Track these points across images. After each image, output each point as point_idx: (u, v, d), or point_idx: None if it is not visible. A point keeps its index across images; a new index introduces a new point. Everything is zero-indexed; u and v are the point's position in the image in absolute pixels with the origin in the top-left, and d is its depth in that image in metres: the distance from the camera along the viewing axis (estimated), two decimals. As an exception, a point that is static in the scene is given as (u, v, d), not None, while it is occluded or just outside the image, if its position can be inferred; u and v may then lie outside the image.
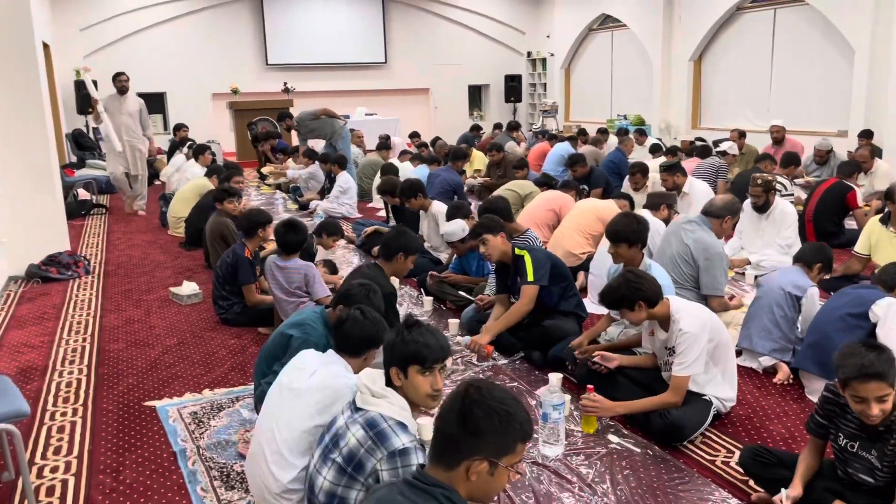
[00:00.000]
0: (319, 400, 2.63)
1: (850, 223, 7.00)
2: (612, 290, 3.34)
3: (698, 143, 11.14)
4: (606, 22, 16.56)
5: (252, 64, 16.32)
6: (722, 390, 3.38)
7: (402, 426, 2.28)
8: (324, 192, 9.64)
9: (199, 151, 9.39)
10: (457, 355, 4.28)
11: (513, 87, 18.26)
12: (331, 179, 9.51)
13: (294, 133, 11.04)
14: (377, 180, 9.92)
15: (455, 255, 5.55)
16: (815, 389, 3.68)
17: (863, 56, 10.90)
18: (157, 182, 11.55)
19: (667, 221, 5.35)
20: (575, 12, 17.15)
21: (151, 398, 3.96)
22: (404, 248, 4.10)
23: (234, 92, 14.41)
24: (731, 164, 8.65)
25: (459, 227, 5.12)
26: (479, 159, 11.04)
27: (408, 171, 9.37)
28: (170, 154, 11.76)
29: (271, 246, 5.54)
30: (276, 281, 4.64)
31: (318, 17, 16.68)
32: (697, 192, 6.54)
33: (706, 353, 3.27)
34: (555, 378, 3.75)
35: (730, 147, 8.62)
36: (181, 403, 3.87)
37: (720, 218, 4.71)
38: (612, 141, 12.36)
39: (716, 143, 9.99)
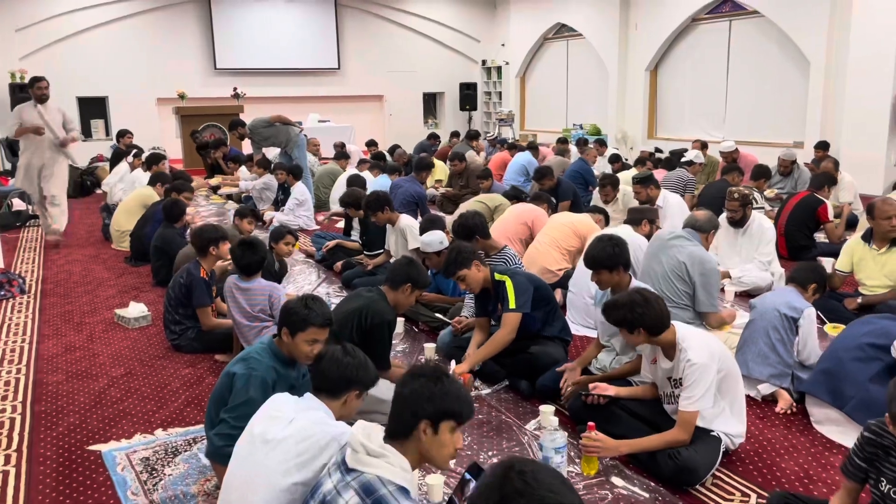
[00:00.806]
0: (300, 452, 2.29)
1: (819, 236, 6.91)
2: (615, 307, 3.08)
3: (662, 155, 11.07)
4: (562, 31, 16.49)
5: (200, 68, 15.72)
6: (731, 425, 3.13)
7: (405, 492, 1.96)
8: (278, 204, 9.20)
9: (153, 161, 8.81)
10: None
11: (468, 95, 18.05)
12: (284, 190, 9.08)
13: (247, 141, 10.55)
14: (335, 190, 9.57)
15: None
16: (822, 419, 3.48)
17: (818, 68, 11.00)
18: (98, 191, 10.92)
19: (648, 237, 5.12)
20: (530, 21, 17.04)
21: (96, 440, 3.53)
22: (413, 280, 3.75)
23: (181, 97, 13.82)
24: (698, 175, 8.54)
25: (437, 239, 4.80)
26: (440, 169, 10.74)
27: (367, 181, 8.99)
28: (113, 162, 11.13)
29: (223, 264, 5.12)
30: (237, 303, 4.24)
31: (268, 21, 16.19)
32: (672, 205, 6.36)
33: (714, 384, 3.02)
34: (548, 412, 3.45)
35: (696, 156, 8.50)
36: (130, 447, 3.44)
37: (706, 232, 4.52)
38: (572, 151, 12.23)
39: (674, 154, 9.90)
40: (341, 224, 8.68)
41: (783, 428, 3.53)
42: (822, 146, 9.97)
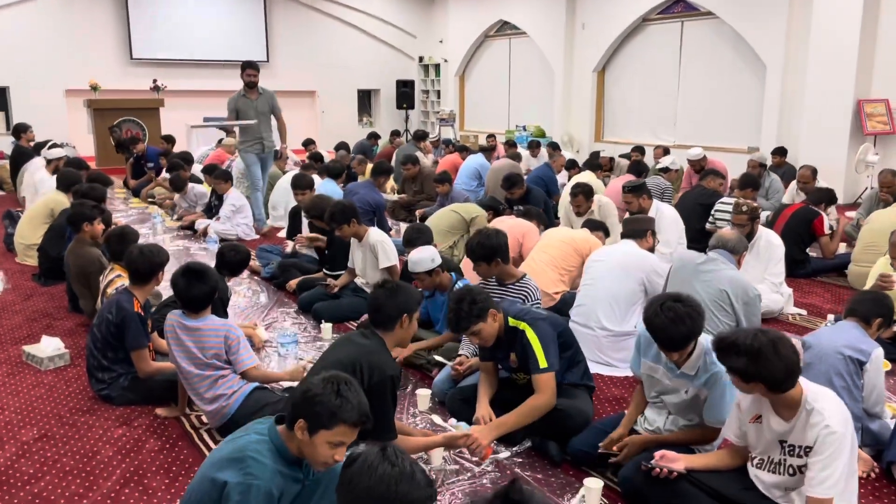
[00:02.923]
0: None
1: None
2: (735, 351, 2.37)
3: (620, 159, 10.58)
4: (504, 28, 15.92)
5: (114, 58, 14.40)
6: (848, 506, 2.50)
7: None
8: (211, 211, 8.21)
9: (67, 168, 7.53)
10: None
11: (405, 92, 17.26)
12: (217, 197, 8.11)
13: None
14: (276, 194, 8.64)
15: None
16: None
17: (775, 71, 10.75)
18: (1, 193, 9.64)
19: (650, 251, 4.49)
20: (470, 17, 16.41)
21: (2, 546, 2.62)
22: (408, 309, 2.96)
23: (94, 89, 12.50)
24: (674, 182, 8.04)
25: (428, 256, 4.04)
26: (385, 172, 9.92)
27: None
28: (15, 162, 9.85)
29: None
30: (184, 348, 3.36)
31: (190, 8, 15.02)
32: (666, 217, 5.76)
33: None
34: (594, 489, 2.75)
35: (672, 163, 7.97)
36: (51, 557, 2.55)
37: (739, 254, 3.92)
38: (523, 153, 11.64)
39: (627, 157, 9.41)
40: (283, 234, 7.80)
41: (872, 498, 2.93)
42: (780, 152, 9.70)
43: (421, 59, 17.89)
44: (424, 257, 4.05)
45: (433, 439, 3.04)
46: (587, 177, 8.41)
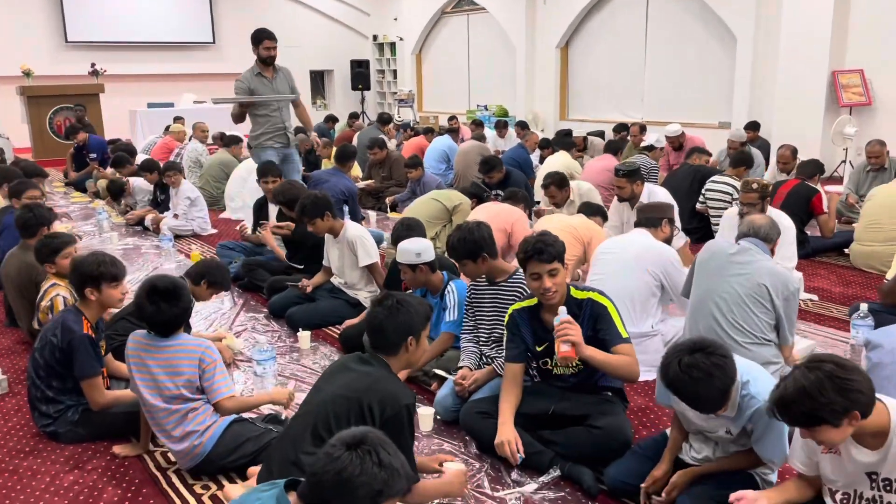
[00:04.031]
0: None
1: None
2: (791, 404, 1.96)
3: (593, 138, 10.19)
4: (462, 4, 15.39)
5: (48, 41, 13.49)
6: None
7: None
8: (159, 206, 7.55)
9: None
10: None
11: (360, 73, 16.62)
12: (163, 188, 7.46)
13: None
14: (232, 184, 8.02)
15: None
16: None
17: (746, 44, 10.47)
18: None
19: (667, 242, 4.07)
20: (426, -7, 15.83)
21: None
22: (412, 330, 2.44)
23: (27, 74, 11.61)
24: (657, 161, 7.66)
25: (415, 248, 3.55)
26: (347, 157, 9.34)
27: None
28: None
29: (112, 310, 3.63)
30: (149, 376, 2.81)
31: (129, -14, 14.11)
32: (661, 199, 5.34)
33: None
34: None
35: (656, 140, 7.58)
36: None
37: (773, 242, 3.51)
38: (489, 134, 11.19)
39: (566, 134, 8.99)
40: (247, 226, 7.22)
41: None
42: (753, 126, 9.44)
43: (375, 37, 17.25)
44: (410, 248, 3.55)
45: (449, 484, 2.54)
46: (562, 157, 8.00)
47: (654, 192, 5.48)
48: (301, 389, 3.57)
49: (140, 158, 8.73)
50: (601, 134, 10.91)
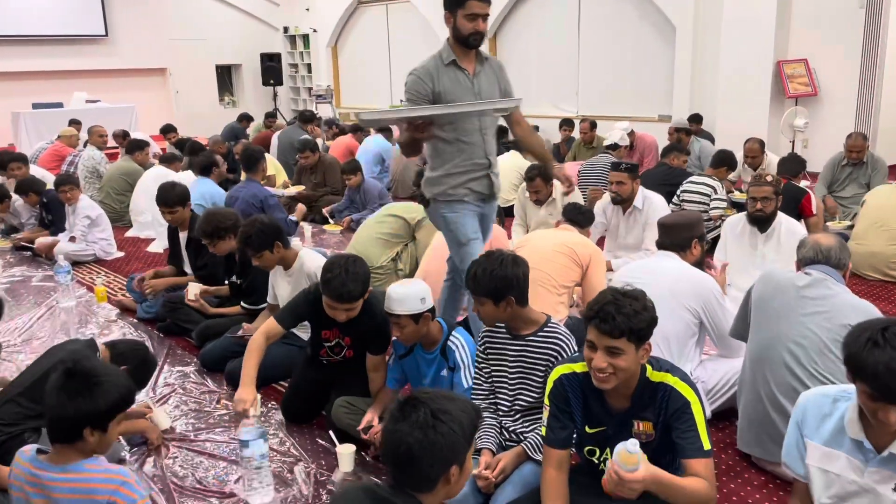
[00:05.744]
0: None
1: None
2: None
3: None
4: (380, -7, 14.49)
5: None
6: None
7: None
8: (48, 226, 6.38)
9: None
10: None
11: (271, 67, 15.45)
12: (47, 207, 6.30)
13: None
14: (138, 197, 6.93)
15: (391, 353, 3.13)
16: None
17: (685, 32, 10.05)
18: None
19: (698, 265, 3.39)
20: (340, -19, 14.84)
21: None
22: (457, 455, 1.65)
23: None
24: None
25: (418, 292, 2.72)
26: (269, 163, 8.32)
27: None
28: None
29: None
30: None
31: (5, -27, 12.52)
32: (657, 208, 4.70)
33: None
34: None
35: (621, 138, 6.97)
36: None
37: (845, 268, 2.86)
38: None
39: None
40: (153, 247, 6.20)
41: None
42: (695, 119, 9.04)
43: (286, 29, 16.12)
44: (411, 293, 2.71)
45: None
46: (512, 158, 7.38)
47: (650, 200, 4.85)
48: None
49: (33, 170, 7.42)
50: (535, 128, 10.31)
